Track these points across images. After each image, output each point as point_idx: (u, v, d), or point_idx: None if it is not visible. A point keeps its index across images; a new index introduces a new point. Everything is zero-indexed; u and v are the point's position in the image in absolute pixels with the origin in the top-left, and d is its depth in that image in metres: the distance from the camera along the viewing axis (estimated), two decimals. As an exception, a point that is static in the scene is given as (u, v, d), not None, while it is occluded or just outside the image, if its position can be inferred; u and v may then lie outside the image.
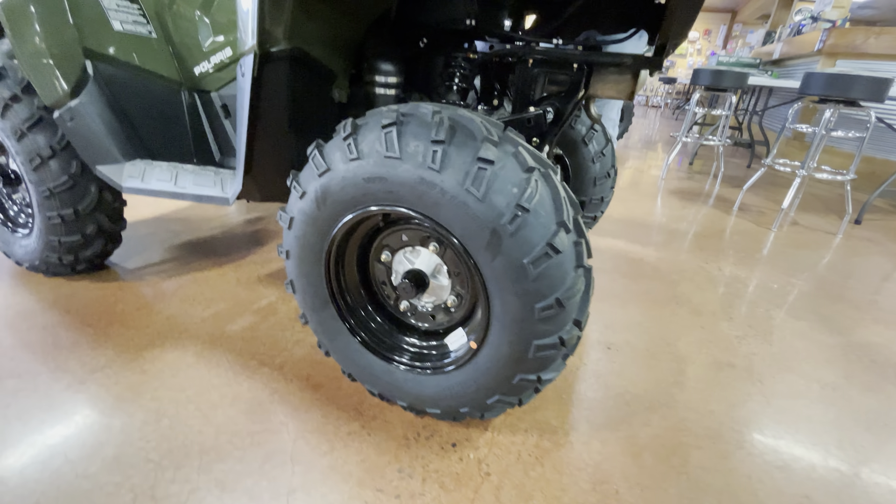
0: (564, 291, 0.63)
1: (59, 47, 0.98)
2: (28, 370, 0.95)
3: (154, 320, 1.15)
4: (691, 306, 1.41)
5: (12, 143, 1.08)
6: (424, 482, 0.75)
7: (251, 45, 0.76)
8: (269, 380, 0.97)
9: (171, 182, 1.01)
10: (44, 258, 1.23)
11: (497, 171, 0.61)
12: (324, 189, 0.72)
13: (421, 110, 0.67)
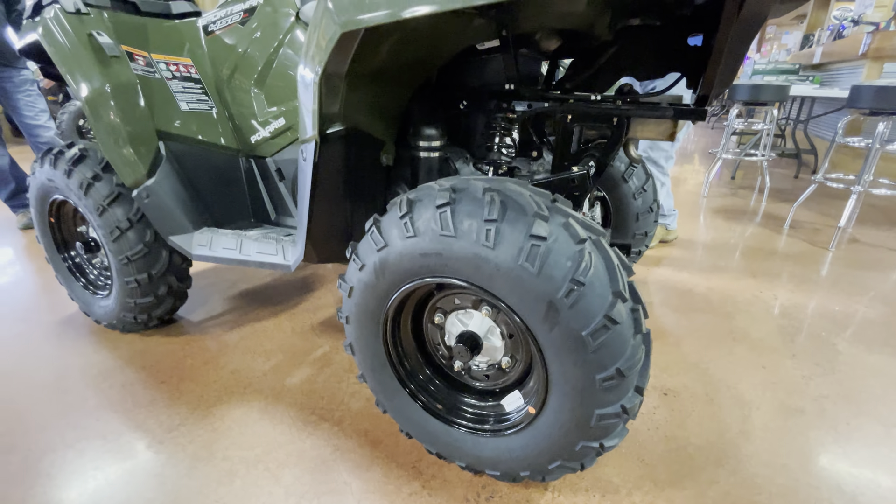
0: (625, 361, 0.64)
1: (136, 133, 1.09)
2: (112, 430, 1.03)
3: (220, 375, 1.22)
4: (750, 342, 1.35)
5: (94, 217, 1.19)
6: (489, 548, 0.75)
7: (312, 135, 0.82)
8: (330, 436, 1.00)
9: (236, 250, 1.09)
10: (121, 318, 1.34)
11: (550, 246, 0.63)
12: (382, 262, 0.76)
13: (472, 188, 0.70)
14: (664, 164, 1.97)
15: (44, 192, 1.29)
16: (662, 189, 2.02)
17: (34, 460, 0.95)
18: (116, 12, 1.16)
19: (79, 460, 0.95)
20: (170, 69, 1.22)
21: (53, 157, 1.22)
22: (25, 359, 1.30)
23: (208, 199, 1.27)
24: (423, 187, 0.75)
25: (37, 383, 1.19)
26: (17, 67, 2.31)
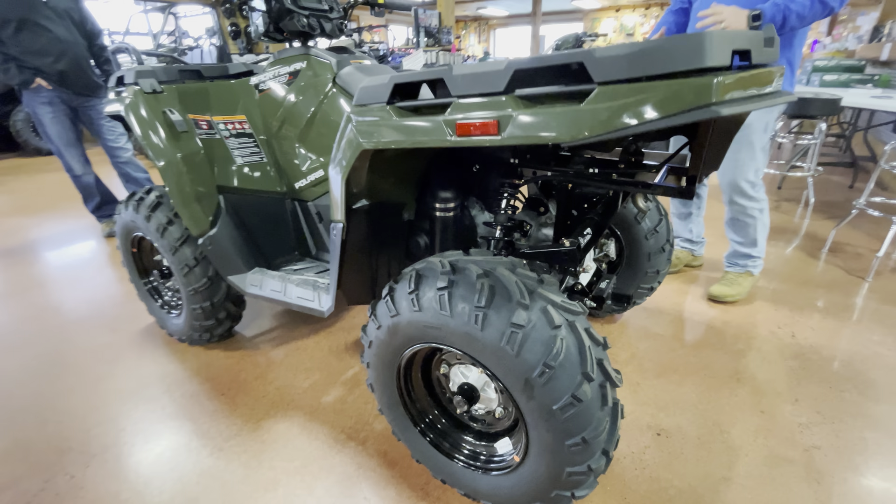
0: (590, 432, 0.76)
1: (201, 193, 1.30)
2: (184, 436, 1.26)
3: (268, 390, 1.44)
4: (754, 385, 1.40)
5: (168, 255, 1.43)
6: (479, 567, 0.91)
7: (340, 219, 0.98)
8: (356, 454, 1.19)
9: (281, 293, 1.28)
10: (188, 334, 1.59)
11: (528, 332, 0.76)
12: (394, 326, 0.91)
13: (468, 273, 0.83)
14: (702, 192, 1.99)
15: (127, 229, 1.55)
16: (698, 216, 2.03)
17: (125, 458, 1.20)
18: (185, 83, 1.37)
19: (158, 461, 1.19)
20: (227, 128, 1.42)
21: (136, 202, 1.46)
22: (115, 366, 1.58)
23: (259, 238, 1.48)
24: (429, 263, 0.89)
25: (124, 389, 1.46)
26: (100, 97, 2.63)
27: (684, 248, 2.11)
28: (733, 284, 1.86)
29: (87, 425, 1.32)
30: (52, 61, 2.37)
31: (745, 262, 1.88)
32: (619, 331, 1.70)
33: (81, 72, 2.49)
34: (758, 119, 1.62)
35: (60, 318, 1.90)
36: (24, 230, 2.97)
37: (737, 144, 1.67)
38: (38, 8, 2.29)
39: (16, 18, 2.24)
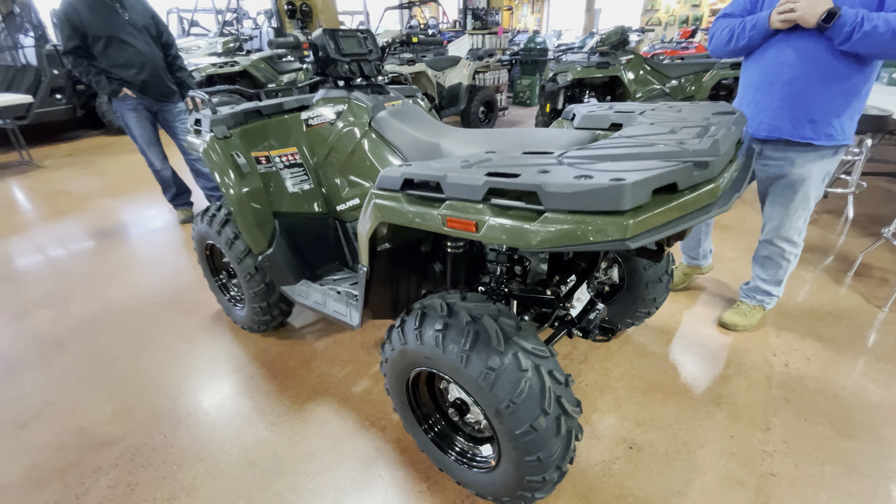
0: (544, 453, 0.98)
1: (260, 220, 1.59)
2: (246, 411, 1.61)
3: (310, 377, 1.75)
4: (732, 410, 1.54)
5: (234, 264, 1.74)
6: (461, 539, 1.17)
7: (365, 264, 1.22)
8: (376, 438, 1.48)
9: (322, 304, 1.56)
10: (248, 324, 1.93)
11: (499, 374, 0.98)
12: (402, 352, 1.15)
13: (460, 318, 1.05)
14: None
15: (202, 237, 1.88)
16: (706, 236, 2.11)
17: (203, 424, 1.55)
18: (248, 123, 1.63)
19: (227, 429, 1.53)
20: (282, 160, 1.69)
21: (210, 217, 1.78)
22: (192, 345, 1.96)
23: (306, 251, 1.76)
24: (432, 304, 1.11)
25: (201, 367, 1.83)
26: (175, 102, 2.99)
27: (692, 263, 2.20)
28: (746, 316, 1.94)
29: (175, 394, 1.69)
30: (136, 72, 2.73)
31: (762, 297, 1.93)
32: (620, 345, 1.87)
33: (159, 80, 2.85)
34: (818, 170, 1.61)
35: (148, 299, 2.31)
36: (115, 213, 3.47)
37: (791, 194, 1.66)
38: (122, 26, 2.64)
39: (104, 36, 2.60)
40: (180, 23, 7.97)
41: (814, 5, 1.36)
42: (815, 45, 1.44)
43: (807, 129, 1.54)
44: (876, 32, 1.31)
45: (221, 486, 1.34)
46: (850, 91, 1.48)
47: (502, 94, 6.64)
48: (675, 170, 0.76)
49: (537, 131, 1.31)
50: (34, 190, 4.05)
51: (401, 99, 1.70)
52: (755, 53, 1.60)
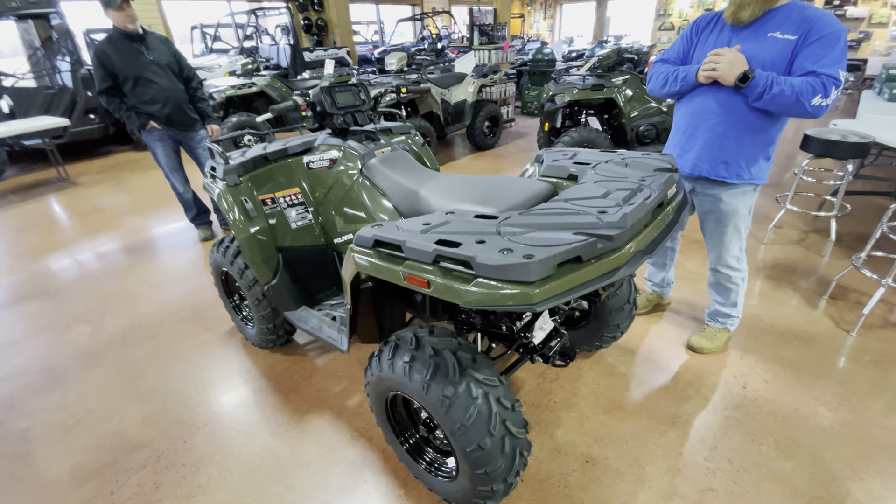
0: (490, 468, 1.17)
1: (265, 256, 1.82)
2: (254, 421, 1.84)
3: (310, 391, 1.98)
4: (685, 429, 1.70)
5: (245, 289, 1.98)
6: (429, 538, 1.37)
7: (348, 302, 1.43)
8: (364, 448, 1.69)
9: (318, 329, 1.78)
10: (258, 342, 2.18)
11: (453, 401, 1.17)
12: (379, 378, 1.36)
13: (424, 352, 1.25)
14: (675, 246, 2.21)
15: (218, 264, 2.12)
16: (670, 267, 2.26)
17: (217, 431, 1.79)
18: (256, 169, 1.87)
19: (238, 436, 1.77)
20: (286, 200, 1.92)
21: (224, 248, 2.02)
22: (209, 360, 2.21)
23: (307, 279, 1.99)
24: (404, 336, 1.31)
25: (217, 379, 2.07)
26: (196, 130, 3.27)
27: (655, 291, 2.35)
28: (712, 339, 2.09)
29: (193, 404, 1.94)
30: (160, 107, 3.02)
31: (724, 319, 2.09)
32: (591, 365, 2.04)
33: (182, 112, 3.13)
34: (742, 204, 1.79)
35: (172, 315, 2.59)
36: (143, 230, 3.79)
37: (723, 227, 1.85)
38: (146, 66, 2.93)
39: (132, 76, 2.89)
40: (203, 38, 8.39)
41: (731, 67, 1.53)
42: (734, 98, 1.61)
43: (721, 169, 1.73)
44: (783, 95, 1.48)
45: (231, 487, 1.57)
46: (763, 140, 1.68)
47: (510, 105, 6.80)
48: (580, 246, 0.95)
49: (503, 184, 1.49)
50: (71, 207, 4.42)
51: (390, 145, 1.91)
52: (685, 99, 1.77)
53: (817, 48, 1.50)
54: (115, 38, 2.84)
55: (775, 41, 1.55)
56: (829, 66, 1.49)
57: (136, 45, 2.90)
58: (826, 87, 1.48)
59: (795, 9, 1.55)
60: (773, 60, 1.56)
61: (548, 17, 13.53)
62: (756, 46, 1.58)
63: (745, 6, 1.57)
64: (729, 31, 1.65)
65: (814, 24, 1.51)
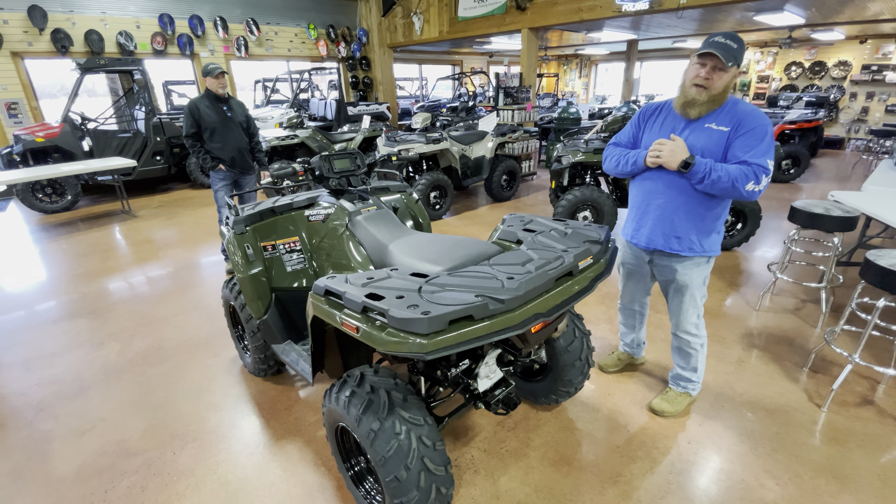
0: (406, 500, 1.33)
1: (260, 294, 2.11)
2: (239, 440, 2.06)
3: (289, 419, 2.19)
4: (625, 489, 1.76)
5: (244, 322, 2.27)
6: (360, 563, 1.51)
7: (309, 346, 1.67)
8: (323, 476, 1.86)
9: (295, 363, 2.02)
10: (253, 370, 2.44)
11: (378, 434, 1.35)
12: (329, 409, 1.56)
13: (364, 387, 1.45)
14: (644, 311, 2.31)
15: (226, 299, 2.44)
16: (640, 328, 2.35)
17: (205, 446, 2.02)
18: (262, 220, 2.20)
19: (216, 455, 1.99)
20: (285, 247, 2.23)
21: (231, 286, 2.34)
22: (211, 382, 2.49)
23: (295, 317, 2.25)
24: (353, 373, 1.52)
25: (213, 401, 2.33)
26: (251, 174, 3.93)
27: (626, 351, 2.43)
28: (673, 402, 2.14)
29: (188, 421, 2.20)
30: (229, 152, 3.74)
31: (685, 384, 2.15)
32: (551, 417, 2.14)
33: (244, 159, 3.85)
34: (697, 275, 1.92)
35: (188, 340, 2.92)
36: (182, 262, 4.27)
37: (680, 296, 1.98)
38: (226, 122, 3.70)
39: (212, 127, 3.65)
40: (264, 90, 9.43)
41: (674, 155, 1.71)
42: (679, 181, 1.77)
43: (674, 243, 1.86)
44: (720, 181, 1.64)
45: (202, 498, 1.78)
46: (710, 216, 1.83)
47: (532, 160, 7.12)
48: (472, 307, 1.15)
49: (456, 245, 1.72)
50: (127, 237, 5.03)
51: (377, 204, 2.19)
52: (637, 179, 1.95)
53: (748, 139, 1.68)
54: (206, 97, 3.65)
55: (711, 131, 1.74)
56: (759, 157, 1.65)
57: (221, 104, 3.69)
58: (757, 175, 1.64)
59: (729, 103, 1.74)
60: (711, 148, 1.74)
61: (583, 76, 14.08)
62: (695, 136, 1.77)
63: (694, 107, 1.76)
64: (673, 119, 1.85)
65: (743, 118, 1.69)
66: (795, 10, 5.88)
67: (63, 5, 6.87)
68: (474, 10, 7.47)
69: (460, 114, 7.91)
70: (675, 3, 5.20)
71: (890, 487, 1.74)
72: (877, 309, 2.02)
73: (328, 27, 9.63)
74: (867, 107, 9.71)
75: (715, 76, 1.66)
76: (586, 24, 6.62)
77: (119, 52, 7.37)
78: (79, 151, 6.09)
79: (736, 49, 1.63)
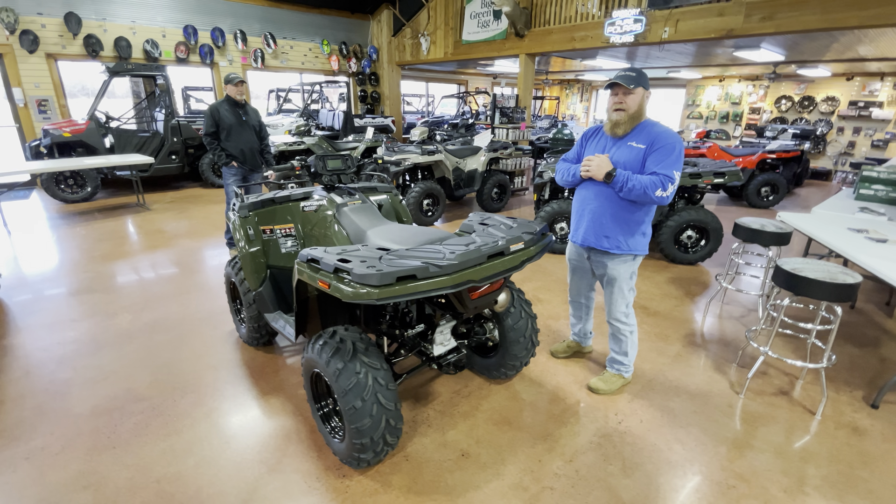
0: (361, 426, 1.66)
1: (257, 269, 2.47)
2: (228, 398, 2.40)
3: (275, 380, 2.52)
4: (552, 444, 2.07)
5: (242, 294, 2.62)
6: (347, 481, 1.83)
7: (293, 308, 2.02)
8: (299, 423, 2.18)
9: (283, 328, 2.37)
10: (247, 339, 2.78)
11: (342, 372, 1.69)
12: (308, 359, 1.90)
13: (335, 338, 1.79)
14: (590, 304, 2.64)
15: (228, 276, 2.81)
16: (587, 320, 2.68)
17: (200, 398, 2.36)
18: (265, 207, 2.57)
19: (210, 403, 2.32)
20: (280, 232, 2.60)
21: (233, 265, 2.70)
22: (209, 348, 2.83)
23: (286, 291, 2.60)
24: (329, 330, 1.87)
25: (210, 363, 2.67)
26: (259, 171, 4.36)
27: (575, 340, 2.75)
28: (608, 382, 2.46)
29: (189, 377, 2.54)
30: (241, 151, 4.19)
31: (618, 366, 2.48)
32: (500, 390, 2.46)
33: (254, 157, 4.32)
34: (624, 270, 2.26)
35: (192, 314, 3.27)
36: (190, 250, 4.65)
37: (611, 288, 2.32)
38: (241, 124, 4.18)
39: (228, 128, 4.11)
40: (277, 99, 9.95)
41: (600, 168, 2.08)
42: (606, 190, 2.14)
43: (604, 241, 2.21)
44: (635, 188, 2.01)
45: (197, 434, 2.11)
46: (633, 219, 2.18)
47: (525, 176, 7.51)
48: (415, 268, 1.51)
49: (418, 232, 2.08)
50: (141, 227, 5.43)
51: (361, 199, 2.56)
52: (577, 189, 2.31)
53: (659, 155, 2.04)
54: (226, 102, 4.14)
55: (632, 148, 2.11)
56: (666, 169, 2.02)
57: (238, 109, 4.18)
58: (664, 184, 2.00)
59: (648, 125, 2.12)
60: (631, 162, 2.10)
61: (584, 100, 14.60)
62: (620, 152, 2.14)
63: (619, 126, 2.14)
64: (605, 139, 2.23)
65: (656, 138, 2.06)
66: (772, 48, 6.31)
67: (97, 13, 7.43)
68: (477, 35, 7.98)
69: (460, 130, 8.36)
70: (658, 38, 5.65)
71: (784, 458, 2.04)
72: (782, 306, 2.35)
73: (341, 43, 10.20)
74: (854, 141, 10.09)
75: (627, 99, 2.05)
76: (580, 52, 7.09)
77: (145, 58, 7.91)
78: (101, 147, 6.55)
79: (636, 76, 2.02)
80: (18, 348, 2.80)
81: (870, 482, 1.91)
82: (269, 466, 1.93)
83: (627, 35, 5.81)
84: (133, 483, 1.85)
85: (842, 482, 1.90)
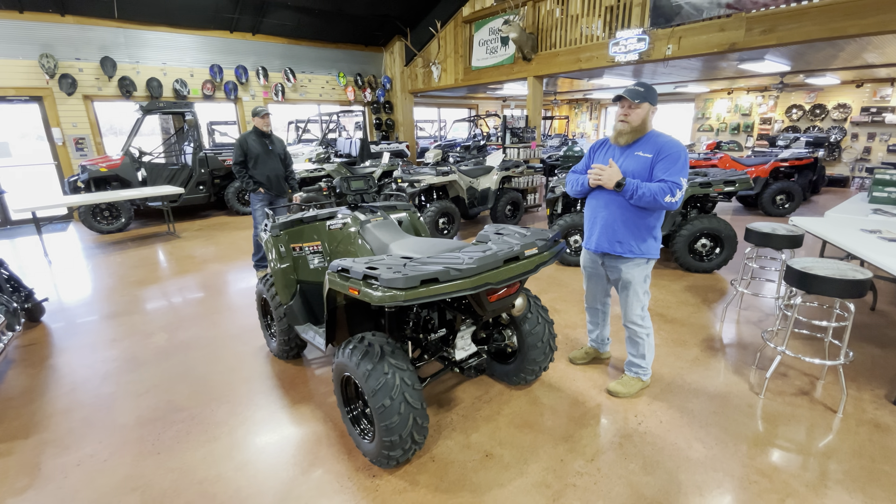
0: (390, 423, 1.77)
1: (288, 284, 2.63)
2: (260, 408, 2.53)
3: (304, 390, 2.65)
4: (574, 445, 2.13)
5: (273, 311, 2.78)
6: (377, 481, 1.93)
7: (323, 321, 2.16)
8: (332, 428, 2.29)
9: (312, 338, 2.51)
10: (277, 352, 2.93)
11: (371, 373, 1.81)
12: (338, 363, 2.03)
13: (364, 343, 1.92)
14: (606, 310, 2.72)
15: (259, 293, 2.98)
16: (604, 326, 2.75)
17: (234, 408, 2.49)
18: (293, 228, 2.75)
19: (245, 412, 2.45)
20: (309, 249, 2.77)
21: (264, 281, 2.88)
22: (241, 363, 2.98)
23: (312, 303, 2.75)
24: (358, 335, 1.99)
25: (243, 376, 2.82)
26: (284, 197, 4.55)
27: (592, 346, 2.81)
28: (626, 385, 2.52)
29: (224, 389, 2.68)
30: (268, 178, 4.43)
31: (636, 369, 2.53)
32: (521, 395, 2.53)
33: (280, 184, 4.54)
34: (638, 274, 2.34)
35: (224, 332, 3.44)
36: (219, 274, 4.87)
37: (626, 292, 2.40)
38: (268, 153, 4.42)
39: (256, 157, 4.36)
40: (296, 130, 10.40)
41: (610, 177, 2.20)
42: (616, 198, 2.25)
43: (617, 247, 2.30)
44: (644, 196, 2.12)
45: (234, 440, 2.24)
46: (644, 224, 2.27)
47: (537, 192, 7.66)
48: (437, 272, 1.64)
49: (437, 242, 2.22)
50: (171, 254, 5.71)
51: (383, 216, 2.72)
52: (588, 197, 2.42)
53: (666, 163, 2.16)
54: (254, 133, 4.41)
55: (639, 158, 2.23)
56: (673, 176, 2.13)
57: (265, 139, 4.45)
58: (672, 190, 2.11)
59: (653, 136, 2.24)
60: (639, 170, 2.22)
61: (593, 118, 14.82)
62: (628, 161, 2.26)
63: (622, 136, 2.28)
64: (612, 149, 2.36)
65: (662, 147, 2.18)
66: (776, 59, 6.42)
67: (130, 57, 8.00)
68: (486, 61, 8.30)
69: (472, 152, 8.60)
70: (662, 55, 5.82)
71: (806, 454, 2.05)
72: (795, 305, 2.39)
73: (356, 75, 10.67)
74: (870, 147, 9.99)
75: (632, 112, 2.18)
76: (586, 72, 7.30)
77: (174, 96, 8.43)
78: (135, 180, 6.95)
79: (643, 92, 2.15)
80: (64, 366, 3.00)
81: (893, 475, 1.91)
82: (302, 468, 2.04)
83: (632, 53, 6.00)
84: (177, 485, 1.97)
85: (864, 476, 1.91)
